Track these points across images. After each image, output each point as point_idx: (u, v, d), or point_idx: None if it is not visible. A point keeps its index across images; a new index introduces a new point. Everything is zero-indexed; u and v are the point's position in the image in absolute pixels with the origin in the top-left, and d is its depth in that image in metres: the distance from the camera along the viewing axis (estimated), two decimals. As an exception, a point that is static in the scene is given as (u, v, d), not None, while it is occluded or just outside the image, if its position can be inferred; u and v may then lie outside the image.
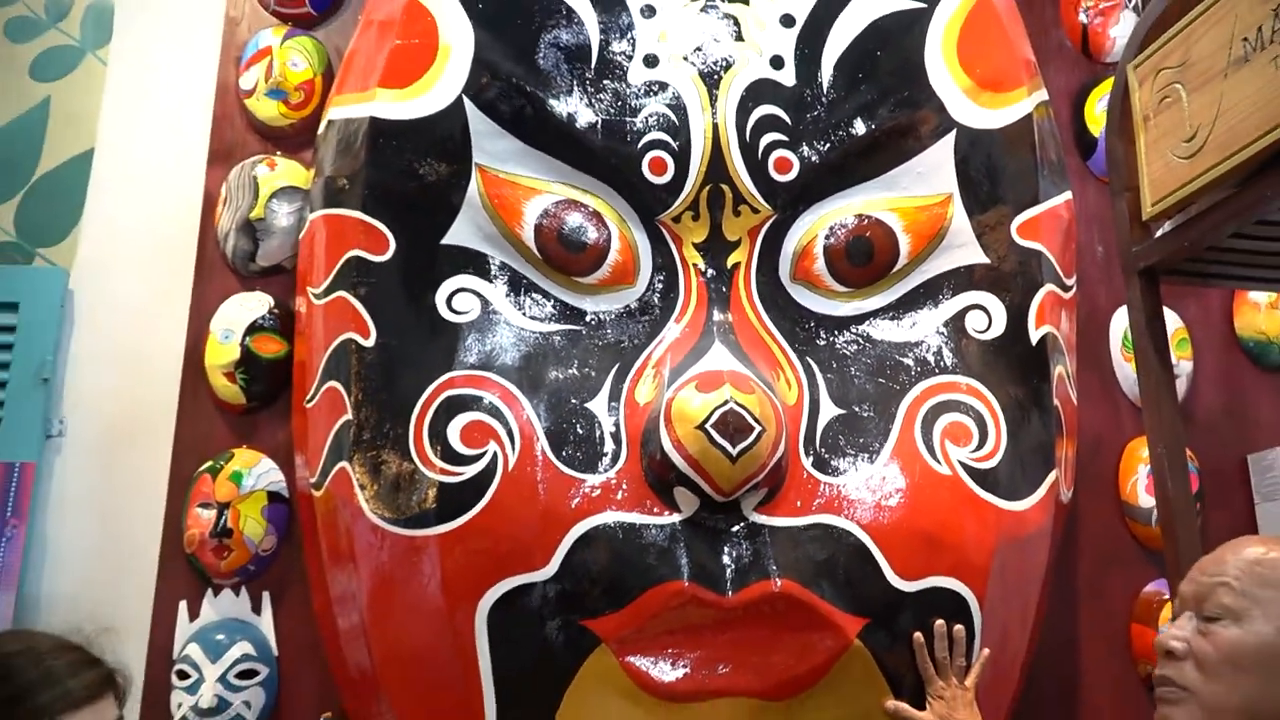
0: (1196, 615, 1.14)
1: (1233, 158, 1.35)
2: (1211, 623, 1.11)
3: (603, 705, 1.63)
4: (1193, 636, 1.12)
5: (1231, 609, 1.10)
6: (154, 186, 2.19)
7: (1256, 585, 1.10)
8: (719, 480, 1.60)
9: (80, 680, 1.14)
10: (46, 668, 1.13)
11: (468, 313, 1.79)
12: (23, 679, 1.11)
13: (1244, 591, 1.10)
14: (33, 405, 2.02)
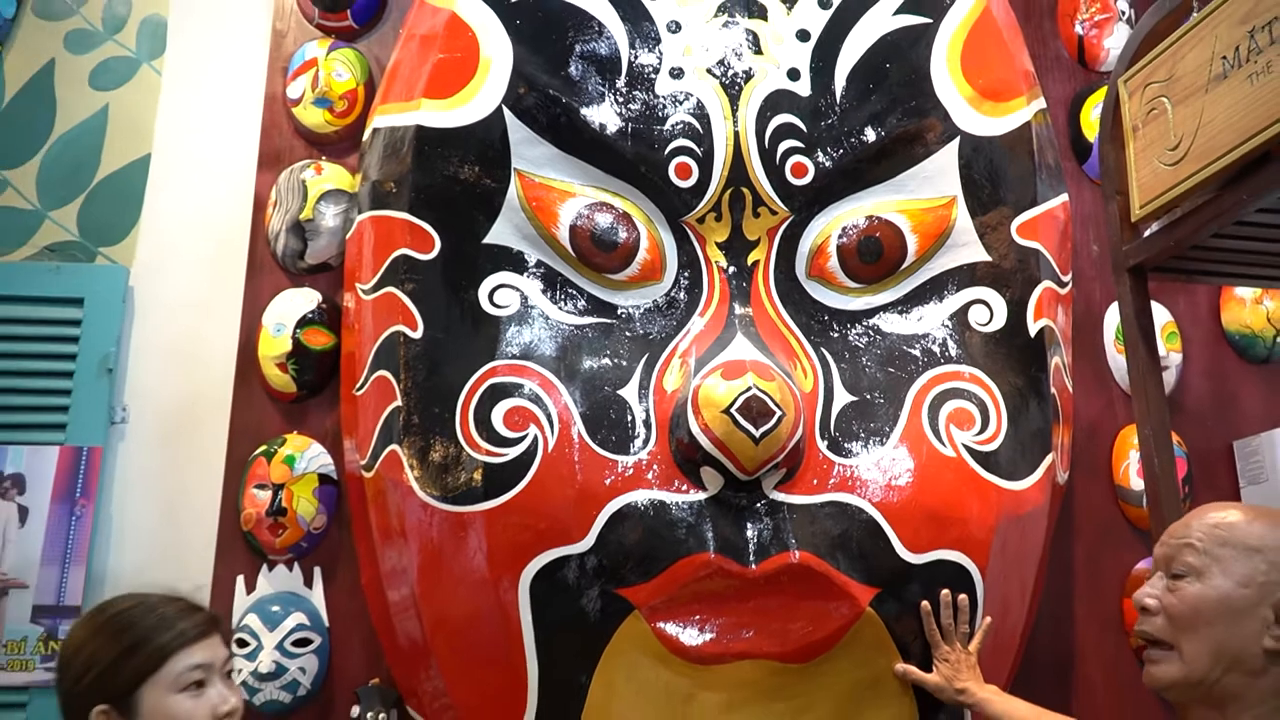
0: (1166, 574, 1.26)
1: (1212, 165, 1.49)
2: (1178, 580, 1.24)
3: (635, 667, 1.74)
4: (1163, 594, 1.25)
5: (1195, 567, 1.22)
6: (207, 189, 2.30)
7: (1216, 545, 1.22)
8: (743, 460, 1.71)
9: (190, 622, 1.28)
10: (160, 614, 1.27)
11: (508, 307, 1.90)
12: (143, 625, 1.25)
13: (1205, 551, 1.22)
14: (98, 394, 2.13)
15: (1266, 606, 1.18)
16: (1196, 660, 1.20)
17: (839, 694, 1.79)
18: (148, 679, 1.24)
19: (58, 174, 2.29)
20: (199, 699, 1.26)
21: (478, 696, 1.82)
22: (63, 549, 2.04)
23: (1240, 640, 1.18)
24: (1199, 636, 1.20)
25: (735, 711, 1.75)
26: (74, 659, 1.27)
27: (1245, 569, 1.20)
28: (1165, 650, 1.24)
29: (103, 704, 1.22)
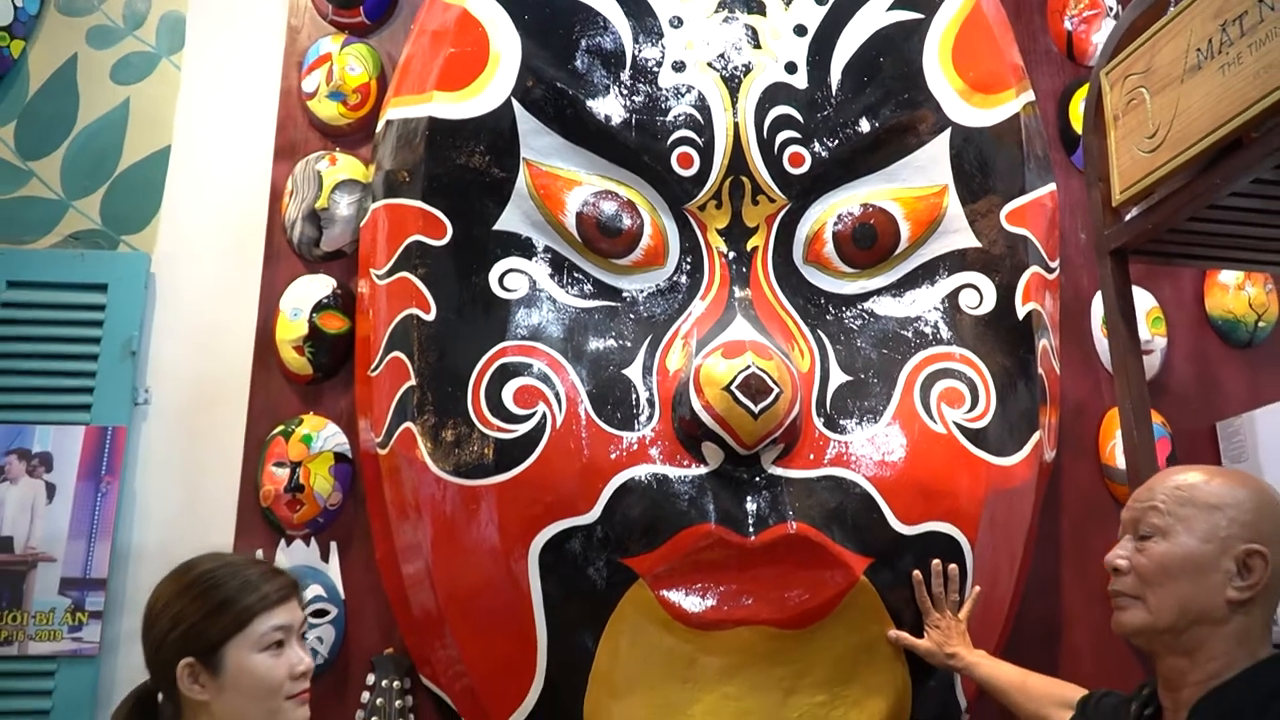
0: (1134, 536, 1.34)
1: (1187, 151, 1.57)
2: (1145, 540, 1.31)
3: (640, 633, 1.81)
4: (1132, 554, 1.32)
5: (1160, 527, 1.30)
6: (225, 179, 2.36)
7: (1178, 505, 1.30)
8: (742, 435, 1.79)
9: (273, 585, 1.35)
10: (245, 576, 1.34)
11: (517, 290, 1.97)
12: (229, 586, 1.32)
13: (1169, 512, 1.30)
14: (122, 376, 2.20)
15: (1228, 559, 1.25)
16: (1163, 611, 1.28)
17: (834, 659, 1.86)
18: (233, 638, 1.31)
19: (81, 165, 2.36)
20: (279, 658, 1.33)
21: (489, 662, 1.90)
22: (89, 524, 2.11)
23: (1205, 593, 1.26)
24: (1166, 591, 1.28)
25: (735, 675, 1.83)
26: (161, 614, 1.34)
27: (1207, 526, 1.27)
28: (1130, 599, 1.32)
29: (189, 657, 1.30)
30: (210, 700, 1.30)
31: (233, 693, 1.30)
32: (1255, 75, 1.44)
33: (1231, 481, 1.32)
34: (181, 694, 1.31)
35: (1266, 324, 2.47)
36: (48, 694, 2.05)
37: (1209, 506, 1.29)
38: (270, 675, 1.32)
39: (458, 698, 2.00)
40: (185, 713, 1.32)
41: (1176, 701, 1.28)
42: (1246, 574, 1.25)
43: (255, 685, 1.31)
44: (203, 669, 1.30)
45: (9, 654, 2.05)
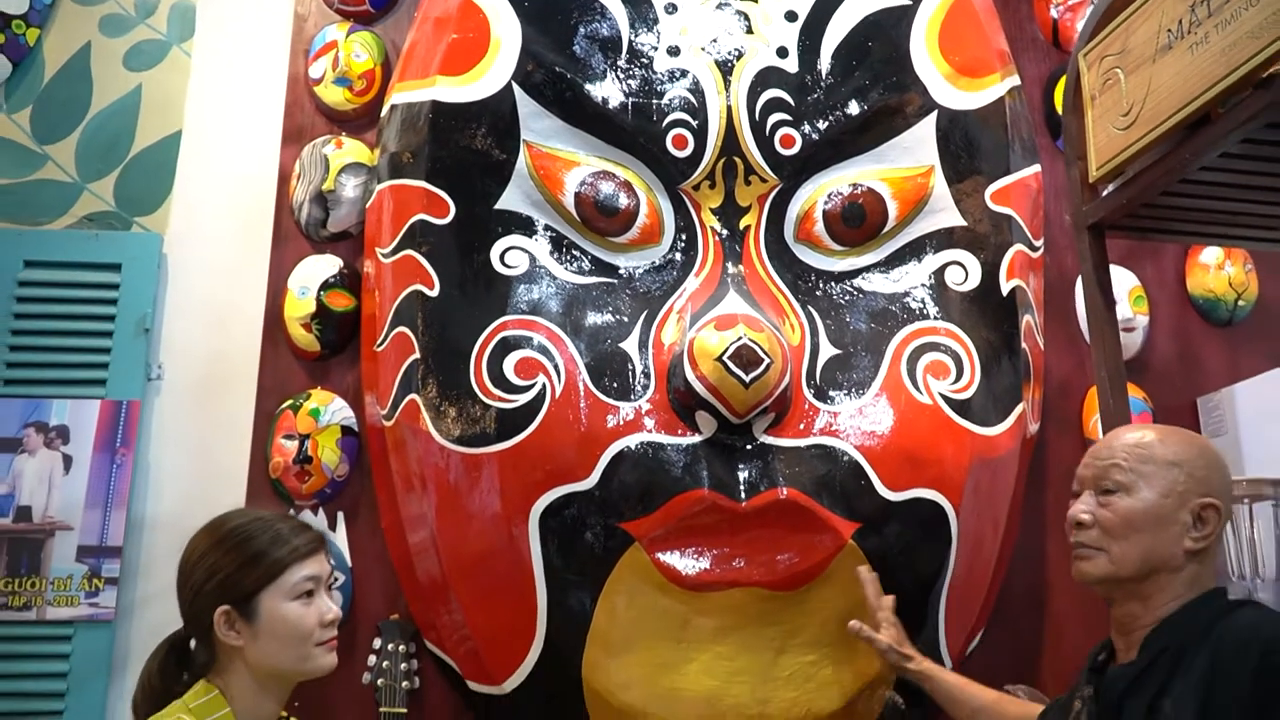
0: (1095, 492, 1.42)
1: (1159, 128, 1.64)
2: (1108, 495, 1.40)
3: (636, 594, 1.88)
4: (1095, 509, 1.41)
5: (1122, 483, 1.39)
6: (235, 163, 2.44)
7: (1138, 462, 1.39)
8: (734, 404, 1.85)
9: (303, 539, 1.42)
10: (276, 530, 1.41)
11: (517, 267, 2.04)
12: (261, 539, 1.39)
13: (1130, 468, 1.39)
14: (135, 352, 2.28)
15: (1185, 512, 1.35)
16: (1126, 561, 1.37)
17: (824, 620, 1.92)
18: (266, 587, 1.37)
19: (95, 149, 2.44)
20: (309, 606, 1.40)
21: (492, 625, 1.97)
22: (104, 494, 2.19)
23: (1165, 544, 1.35)
24: (1130, 543, 1.37)
25: (728, 635, 1.89)
26: (197, 565, 1.40)
27: (1166, 481, 1.37)
28: (1092, 550, 1.40)
29: (225, 605, 1.36)
30: (245, 646, 1.36)
31: (267, 639, 1.37)
32: (1221, 53, 1.50)
33: (1184, 440, 1.42)
34: (217, 640, 1.37)
35: (1246, 303, 2.54)
36: (65, 657, 2.13)
37: (1168, 463, 1.38)
38: (302, 622, 1.38)
39: (462, 661, 2.07)
40: (220, 658, 1.38)
41: (1129, 642, 1.37)
42: (1201, 525, 1.35)
43: (288, 632, 1.37)
44: (238, 617, 1.36)
45: (28, 619, 2.12)
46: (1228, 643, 1.26)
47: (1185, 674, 1.27)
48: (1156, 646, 1.32)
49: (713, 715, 1.88)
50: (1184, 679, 1.27)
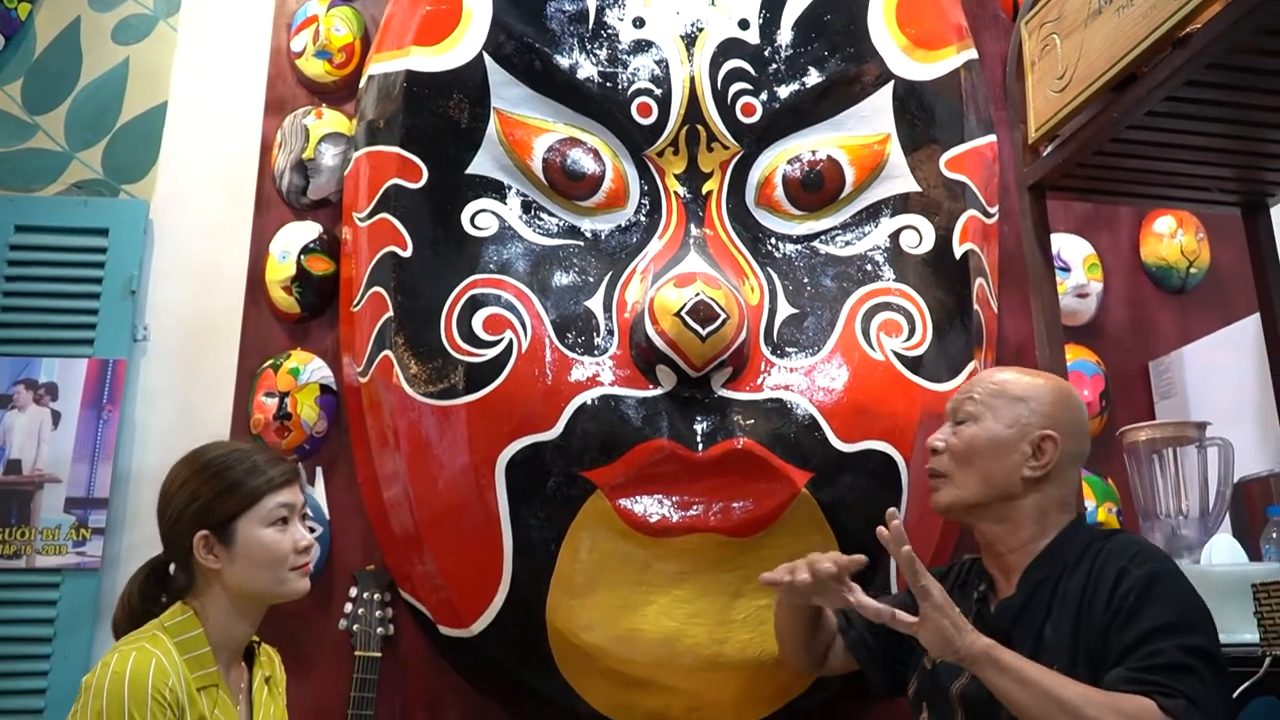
0: (952, 422, 1.54)
1: (1089, 88, 1.71)
2: (960, 425, 1.51)
3: (598, 539, 1.96)
4: (948, 436, 1.53)
5: (973, 414, 1.50)
6: (219, 133, 2.53)
7: (990, 397, 1.51)
8: (692, 357, 1.93)
9: (278, 470, 1.49)
10: (252, 461, 1.49)
11: (487, 229, 2.12)
12: (239, 469, 1.47)
13: (982, 401, 1.51)
14: (122, 313, 2.37)
15: (1026, 443, 1.46)
16: (968, 485, 1.48)
17: (778, 565, 2.01)
18: (243, 514, 1.45)
19: (84, 119, 2.53)
20: (284, 533, 1.47)
21: (461, 569, 2.05)
22: (92, 448, 2.28)
23: (1004, 470, 1.46)
24: (973, 468, 1.48)
25: (687, 580, 1.97)
26: (178, 494, 1.48)
27: (1011, 414, 1.48)
28: (944, 480, 1.52)
29: (204, 530, 1.44)
30: (223, 569, 1.44)
31: (243, 562, 1.44)
32: (1144, 15, 1.58)
33: (1038, 379, 1.53)
34: (196, 563, 1.45)
35: (1198, 270, 2.61)
36: (53, 604, 2.22)
37: (1015, 398, 1.49)
38: (277, 547, 1.46)
39: (434, 608, 2.15)
40: (198, 581, 1.46)
41: (1002, 567, 1.47)
42: (1040, 455, 1.45)
43: (263, 555, 1.45)
44: (216, 541, 1.44)
45: (18, 567, 2.22)
46: (1100, 561, 1.36)
47: (1063, 601, 1.37)
48: (1034, 579, 1.42)
49: (671, 655, 1.97)
50: (1062, 606, 1.36)
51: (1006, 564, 1.47)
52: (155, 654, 1.33)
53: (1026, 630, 1.39)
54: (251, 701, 1.50)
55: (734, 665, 1.99)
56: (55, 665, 2.19)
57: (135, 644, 1.35)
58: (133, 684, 1.29)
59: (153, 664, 1.31)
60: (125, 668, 1.30)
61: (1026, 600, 1.41)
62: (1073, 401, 1.53)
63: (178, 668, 1.34)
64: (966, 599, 1.53)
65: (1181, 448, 1.80)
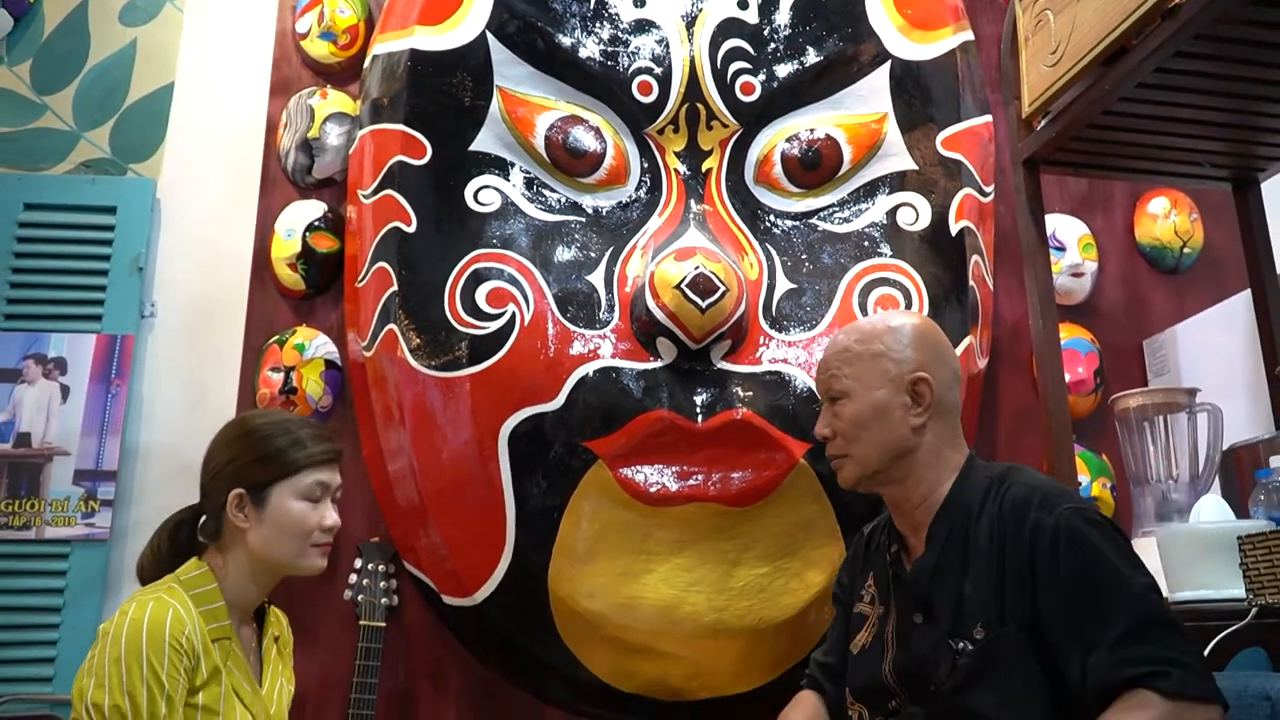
0: (827, 404, 1.50)
1: (1080, 62, 1.75)
2: (835, 403, 1.48)
3: (599, 508, 2.00)
4: (831, 420, 1.49)
5: (843, 390, 1.46)
6: (225, 113, 2.56)
7: (849, 366, 1.46)
8: (692, 329, 1.97)
9: (320, 447, 1.52)
10: (296, 435, 1.51)
11: (490, 205, 2.15)
12: (281, 440, 1.49)
13: (844, 374, 1.46)
14: (130, 290, 2.40)
15: (902, 394, 1.43)
16: (868, 458, 1.45)
17: (776, 534, 2.05)
18: (280, 481, 1.48)
19: (92, 99, 2.56)
20: (314, 509, 1.50)
21: (465, 538, 2.08)
22: (100, 422, 2.31)
23: (893, 429, 1.43)
24: (864, 441, 1.45)
25: (686, 548, 2.01)
26: (223, 450, 1.51)
27: (876, 374, 1.44)
28: (842, 458, 1.48)
29: (239, 489, 1.47)
30: (249, 529, 1.47)
31: (270, 527, 1.47)
32: (1134, -12, 1.62)
33: (881, 323, 1.50)
34: (226, 518, 1.48)
35: (1192, 250, 2.65)
36: (62, 574, 2.25)
37: (871, 356, 1.46)
38: (305, 520, 1.49)
39: (438, 579, 2.18)
40: (224, 536, 1.49)
41: (911, 524, 1.45)
42: (918, 400, 1.43)
43: (290, 525, 1.48)
44: (249, 501, 1.47)
45: (27, 538, 2.25)
46: (1007, 511, 1.34)
47: (976, 553, 1.34)
48: (942, 534, 1.39)
49: (671, 623, 2.00)
50: (977, 559, 1.34)
51: (914, 520, 1.44)
52: (172, 604, 1.36)
53: (946, 590, 1.36)
54: (261, 659, 1.53)
55: (733, 632, 2.03)
56: (64, 635, 2.22)
57: (153, 594, 1.38)
58: (151, 631, 1.32)
59: (170, 613, 1.35)
60: (144, 615, 1.33)
61: (939, 557, 1.38)
62: (927, 331, 1.49)
63: (194, 618, 1.37)
64: (881, 562, 1.51)
65: (1172, 414, 1.83)
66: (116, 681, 1.29)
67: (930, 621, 1.37)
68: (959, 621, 1.33)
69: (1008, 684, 1.28)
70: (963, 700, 1.30)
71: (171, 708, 1.31)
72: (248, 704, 1.41)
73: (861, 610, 1.53)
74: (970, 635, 1.31)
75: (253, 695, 1.43)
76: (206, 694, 1.36)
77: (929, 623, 1.37)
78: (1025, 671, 1.28)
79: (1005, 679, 1.28)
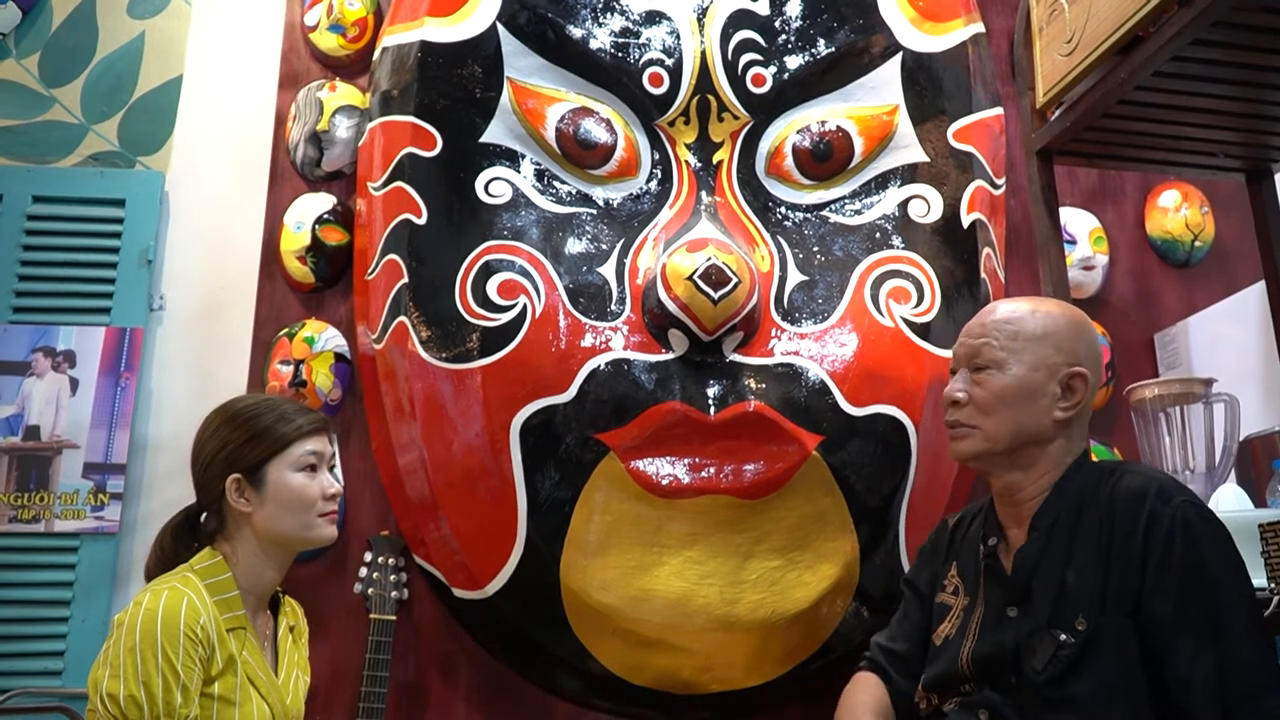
0: (969, 370, 1.48)
1: (1096, 51, 1.74)
2: (980, 373, 1.45)
3: (611, 500, 1.99)
4: (969, 387, 1.46)
5: (994, 360, 1.44)
6: (233, 106, 2.55)
7: (1009, 340, 1.44)
8: (704, 320, 1.96)
9: (307, 418, 1.53)
10: (282, 410, 1.52)
11: (501, 197, 2.15)
12: (268, 417, 1.50)
13: (1001, 346, 1.44)
14: (139, 283, 2.39)
15: (1054, 384, 1.42)
16: (999, 436, 1.43)
17: (789, 527, 2.04)
18: (274, 458, 1.48)
19: (100, 92, 2.55)
20: (313, 479, 1.51)
21: (476, 530, 2.07)
22: (109, 415, 2.30)
23: (1035, 416, 1.42)
24: (1002, 418, 1.43)
25: (698, 541, 2.01)
26: (210, 440, 1.51)
27: (1035, 356, 1.42)
28: (969, 429, 1.46)
29: (236, 474, 1.47)
30: (253, 512, 1.47)
31: (273, 505, 1.48)
32: (1151, -25, 1.61)
33: (1052, 312, 1.48)
34: (228, 507, 1.48)
35: (1203, 244, 2.64)
36: (71, 568, 2.24)
37: (1036, 337, 1.44)
38: (305, 491, 1.50)
39: (448, 572, 2.17)
40: (229, 525, 1.49)
41: (1016, 515, 1.44)
42: (1070, 395, 1.42)
43: (292, 499, 1.48)
44: (247, 484, 1.47)
45: (36, 530, 2.24)
46: (1120, 501, 1.32)
47: (1082, 543, 1.33)
48: (1047, 521, 1.38)
49: (683, 616, 2.00)
50: (1082, 549, 1.33)
51: (1021, 512, 1.42)
52: (187, 593, 1.36)
53: (1048, 579, 1.35)
54: (277, 649, 1.53)
55: (745, 626, 2.02)
56: (73, 629, 2.21)
57: (167, 584, 1.38)
58: (165, 620, 1.31)
59: (185, 602, 1.34)
60: (158, 605, 1.33)
61: (1044, 547, 1.37)
62: (1089, 329, 1.48)
63: (208, 607, 1.37)
64: (974, 555, 1.50)
65: (1189, 405, 1.82)
66: (131, 671, 1.29)
67: (1026, 613, 1.35)
68: (1059, 611, 1.32)
69: (1103, 674, 1.27)
70: (1058, 690, 1.29)
71: (187, 698, 1.30)
72: (264, 694, 1.41)
73: (944, 600, 1.52)
74: (1072, 626, 1.30)
75: (269, 685, 1.43)
76: (222, 684, 1.36)
77: (1024, 614, 1.36)
78: (1122, 661, 1.27)
79: (1102, 669, 1.28)
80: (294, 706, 1.49)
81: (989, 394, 1.44)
